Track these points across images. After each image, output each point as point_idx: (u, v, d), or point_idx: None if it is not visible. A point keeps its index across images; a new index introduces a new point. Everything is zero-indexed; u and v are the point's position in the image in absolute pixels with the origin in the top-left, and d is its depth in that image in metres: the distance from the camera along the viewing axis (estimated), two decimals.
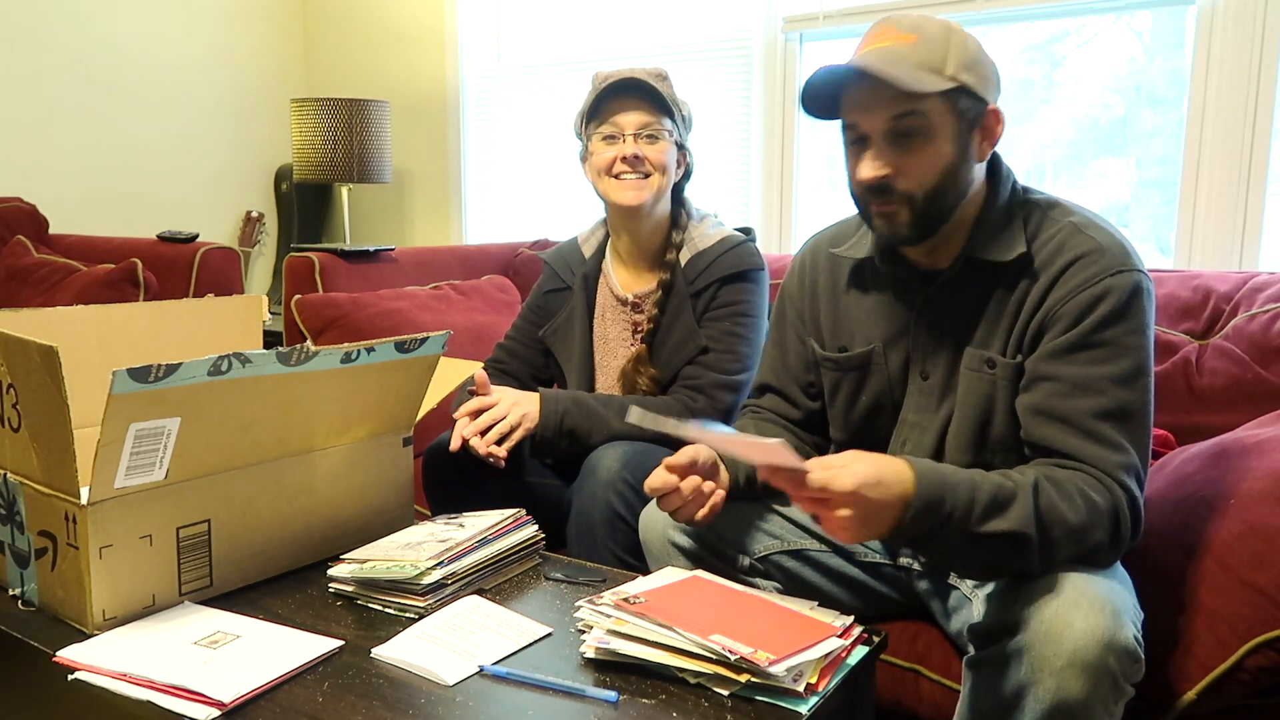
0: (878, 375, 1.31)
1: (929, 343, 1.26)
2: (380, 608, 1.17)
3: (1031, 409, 1.15)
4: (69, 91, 3.03)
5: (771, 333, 1.48)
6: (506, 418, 1.54)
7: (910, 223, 1.18)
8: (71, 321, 1.46)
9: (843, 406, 1.36)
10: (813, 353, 1.39)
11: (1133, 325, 1.13)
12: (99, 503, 1.07)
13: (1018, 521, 1.04)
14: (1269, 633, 1.12)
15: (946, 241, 1.23)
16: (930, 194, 1.16)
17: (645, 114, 1.63)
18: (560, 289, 1.80)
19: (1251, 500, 1.23)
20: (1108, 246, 1.15)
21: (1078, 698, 0.98)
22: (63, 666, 1.01)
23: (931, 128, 1.14)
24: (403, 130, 3.39)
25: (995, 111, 1.19)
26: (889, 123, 1.15)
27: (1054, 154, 2.34)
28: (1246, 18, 2.00)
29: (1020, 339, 1.18)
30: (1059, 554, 1.06)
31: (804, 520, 1.35)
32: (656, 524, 1.33)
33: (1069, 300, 1.14)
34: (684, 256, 1.68)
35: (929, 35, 1.15)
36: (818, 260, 1.40)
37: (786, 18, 2.59)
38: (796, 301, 1.43)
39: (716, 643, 0.97)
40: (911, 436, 1.28)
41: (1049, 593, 1.03)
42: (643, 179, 1.64)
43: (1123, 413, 1.11)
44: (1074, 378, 1.12)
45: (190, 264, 2.62)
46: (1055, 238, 1.18)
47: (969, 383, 1.22)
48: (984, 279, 1.21)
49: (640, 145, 1.63)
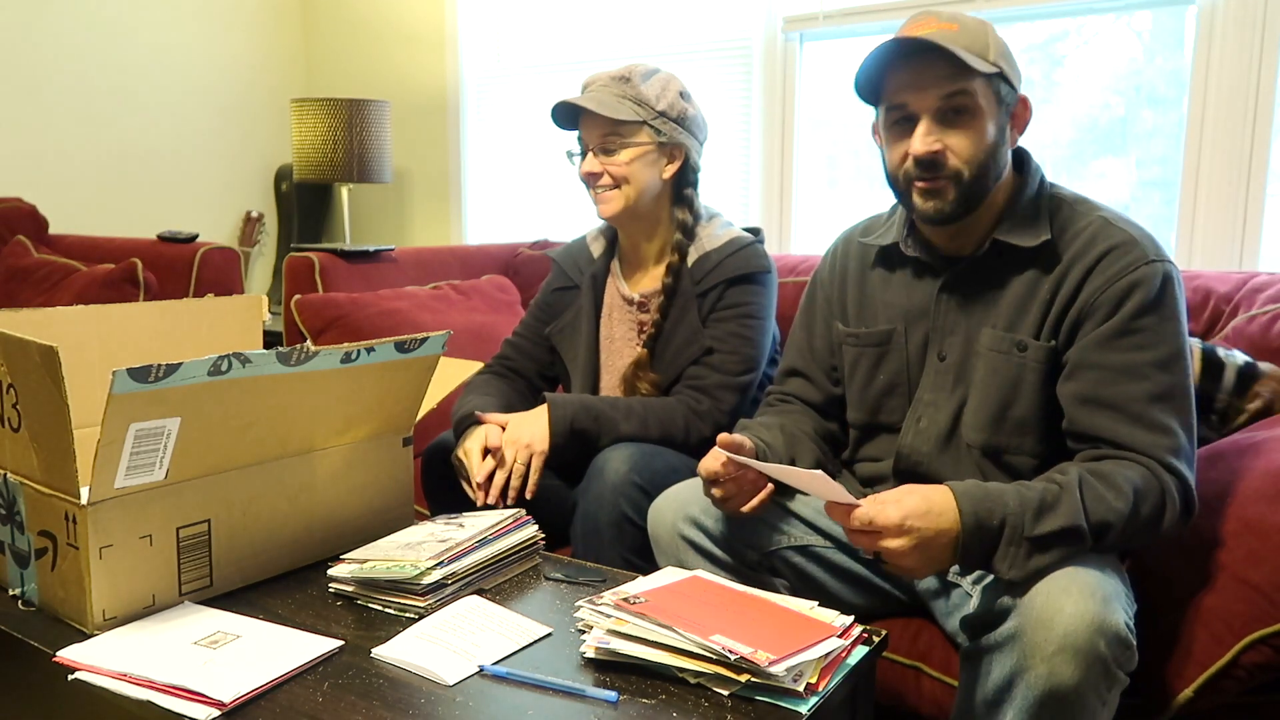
0: (896, 354, 1.34)
1: (949, 324, 1.29)
2: (380, 608, 1.17)
3: (1078, 397, 1.18)
4: (69, 91, 3.03)
5: (800, 317, 1.51)
6: (513, 466, 1.53)
7: (955, 199, 1.22)
8: (71, 321, 1.46)
9: (860, 383, 1.39)
10: (836, 333, 1.43)
11: (1167, 313, 1.17)
12: (99, 503, 1.07)
13: (1068, 517, 1.07)
14: (1264, 629, 1.13)
15: (973, 227, 1.27)
16: (976, 172, 1.21)
17: (601, 125, 1.63)
18: (568, 287, 1.80)
19: (1248, 498, 1.23)
20: (1140, 239, 1.20)
21: (1070, 683, 0.99)
22: (63, 666, 1.01)
23: (979, 108, 1.20)
24: (403, 130, 3.39)
25: (1025, 100, 1.26)
26: (940, 100, 1.20)
27: (1054, 154, 2.33)
28: (1246, 18, 2.00)
29: (1057, 325, 1.21)
30: (1110, 541, 1.09)
31: (811, 516, 1.36)
32: (666, 518, 1.33)
33: (1106, 289, 1.17)
34: (691, 257, 1.67)
35: (969, 26, 1.20)
36: (849, 248, 1.45)
37: (786, 18, 2.59)
38: (826, 287, 1.47)
39: (716, 643, 0.97)
40: (927, 414, 1.31)
41: (1039, 581, 1.05)
42: (611, 190, 1.65)
43: (1167, 395, 1.15)
44: (1117, 364, 1.16)
45: (190, 264, 2.62)
46: (1087, 230, 1.22)
47: (993, 364, 1.25)
48: (1009, 264, 1.25)
49: (602, 159, 1.64)
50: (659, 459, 1.49)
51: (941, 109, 1.20)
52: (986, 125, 1.20)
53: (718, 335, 1.63)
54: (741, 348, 1.63)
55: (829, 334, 1.45)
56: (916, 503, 1.07)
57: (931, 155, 1.21)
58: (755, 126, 2.70)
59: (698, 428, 1.58)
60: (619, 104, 1.62)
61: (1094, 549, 1.09)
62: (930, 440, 1.30)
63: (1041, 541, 1.06)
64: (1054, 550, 1.06)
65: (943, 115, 1.20)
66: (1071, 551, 1.07)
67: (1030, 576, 1.06)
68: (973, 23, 1.21)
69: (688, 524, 1.31)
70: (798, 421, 1.43)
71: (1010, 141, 1.25)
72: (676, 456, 1.54)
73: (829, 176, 2.65)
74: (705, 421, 1.58)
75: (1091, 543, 1.08)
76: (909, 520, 1.06)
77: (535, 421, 1.56)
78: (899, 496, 1.08)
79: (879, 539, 1.07)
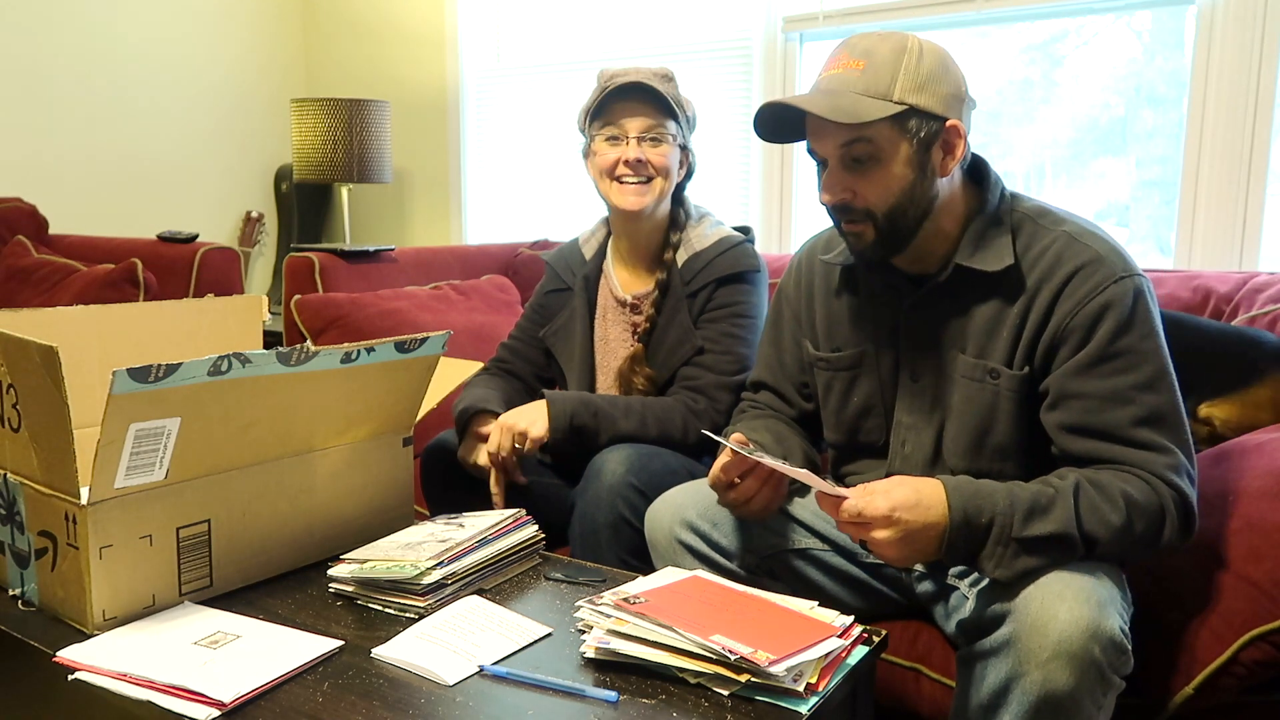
0: (869, 376, 1.33)
1: (917, 346, 1.27)
2: (380, 608, 1.17)
3: (1065, 427, 1.16)
4: (69, 91, 3.03)
5: (768, 331, 1.49)
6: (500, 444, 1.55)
7: (875, 241, 1.21)
8: (71, 321, 1.45)
9: (835, 406, 1.37)
10: (807, 354, 1.41)
11: (1144, 330, 1.14)
12: (99, 503, 1.07)
13: (1060, 523, 1.06)
14: (1264, 625, 1.13)
15: (930, 249, 1.24)
16: (890, 213, 1.19)
17: (649, 117, 1.62)
18: (561, 289, 1.80)
19: (1249, 497, 1.23)
20: (1105, 255, 1.16)
21: (1064, 689, 0.99)
22: (63, 666, 1.01)
23: (881, 152, 1.17)
24: (403, 130, 3.39)
25: (955, 127, 1.18)
26: (840, 149, 1.18)
27: (1054, 154, 2.34)
28: (1246, 18, 2.00)
29: (1029, 352, 1.19)
30: (1101, 552, 1.08)
31: (810, 520, 1.35)
32: (664, 522, 1.33)
33: (1077, 313, 1.15)
34: (681, 257, 1.67)
35: (878, 60, 1.16)
36: (813, 264, 1.42)
37: (786, 18, 2.59)
38: (793, 303, 1.44)
39: (716, 643, 0.97)
40: (910, 438, 1.29)
41: (1035, 586, 1.04)
42: (645, 183, 1.63)
43: (1157, 416, 1.12)
44: (1101, 391, 1.13)
45: (190, 264, 2.62)
46: (1051, 248, 1.19)
47: (967, 391, 1.23)
48: (974, 287, 1.22)
49: (644, 149, 1.62)
50: (657, 460, 1.49)
51: (844, 156, 1.18)
52: (894, 167, 1.17)
53: (709, 335, 1.64)
54: (734, 347, 1.63)
55: (798, 351, 1.43)
56: (906, 494, 1.07)
57: (838, 203, 1.21)
58: None
59: (695, 427, 1.58)
60: (669, 98, 1.62)
61: (1085, 557, 1.08)
62: (918, 466, 1.29)
63: (1029, 544, 1.06)
64: (1042, 554, 1.06)
65: (847, 161, 1.18)
66: (1061, 558, 1.06)
67: (1018, 578, 1.06)
68: (885, 54, 1.16)
69: (685, 528, 1.31)
70: (781, 423, 1.43)
71: (942, 170, 1.19)
72: (675, 458, 1.54)
73: None
74: (703, 421, 1.58)
75: (1083, 551, 1.07)
76: (897, 512, 1.06)
77: (534, 409, 1.57)
78: (889, 488, 1.09)
79: (867, 529, 1.08)
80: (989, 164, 1.26)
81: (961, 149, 1.19)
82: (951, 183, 1.22)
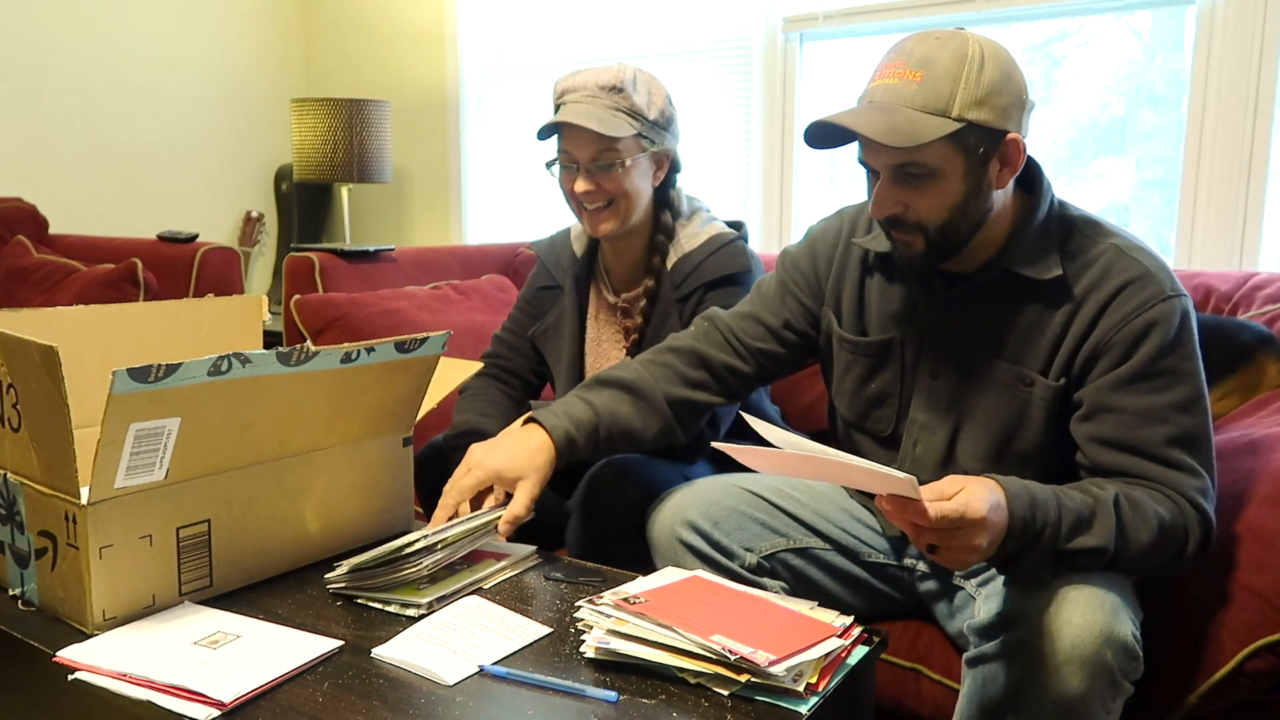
0: (891, 366, 1.32)
1: (944, 344, 1.26)
2: (380, 607, 1.17)
3: (1098, 439, 1.15)
4: (69, 91, 3.03)
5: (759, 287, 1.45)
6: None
7: (925, 252, 1.19)
8: (71, 321, 1.45)
9: (852, 388, 1.36)
10: (834, 332, 1.38)
11: (1186, 351, 1.13)
12: (99, 503, 1.07)
13: (1101, 539, 1.05)
14: (1269, 636, 1.13)
15: (973, 252, 1.22)
16: (942, 228, 1.16)
17: (594, 143, 1.54)
18: (551, 286, 1.77)
19: (1252, 503, 1.23)
20: (1154, 271, 1.15)
21: (1076, 693, 0.98)
22: (63, 666, 1.01)
23: (937, 170, 1.13)
24: (403, 130, 3.39)
25: (1015, 141, 1.14)
26: (893, 167, 1.15)
27: (1054, 154, 2.33)
28: (1246, 18, 2.00)
29: (1068, 363, 1.18)
30: (1126, 567, 1.08)
31: (809, 519, 1.35)
32: (664, 523, 1.33)
33: (1122, 327, 1.13)
34: (671, 259, 1.63)
35: (937, 71, 1.11)
36: (848, 244, 1.39)
37: (786, 18, 2.59)
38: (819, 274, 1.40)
39: (716, 643, 0.97)
40: (922, 438, 1.29)
41: (1047, 590, 1.04)
42: (606, 208, 1.58)
43: (1189, 438, 1.12)
44: (1138, 408, 1.12)
45: (190, 264, 2.62)
46: (1100, 260, 1.17)
47: (995, 396, 1.22)
48: (1017, 293, 1.20)
49: (597, 177, 1.56)
50: (652, 468, 1.48)
51: (898, 172, 1.15)
52: (948, 184, 1.14)
53: None
54: None
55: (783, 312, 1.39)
56: (990, 495, 0.99)
57: (890, 216, 1.18)
58: (755, 126, 2.70)
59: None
60: (614, 118, 1.53)
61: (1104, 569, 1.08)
62: (929, 469, 1.28)
63: (1069, 556, 1.05)
64: (1075, 566, 1.05)
65: (901, 176, 1.15)
66: (1088, 568, 1.06)
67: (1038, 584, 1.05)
68: (945, 64, 1.10)
69: (686, 528, 1.31)
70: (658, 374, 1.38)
71: (999, 183, 1.16)
72: (670, 467, 1.53)
73: (829, 176, 2.65)
74: None
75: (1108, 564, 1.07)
76: (990, 514, 0.98)
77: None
78: (973, 489, 0.99)
79: (955, 535, 0.97)
80: (1041, 169, 1.24)
81: (1019, 162, 1.16)
82: (1005, 193, 1.20)
